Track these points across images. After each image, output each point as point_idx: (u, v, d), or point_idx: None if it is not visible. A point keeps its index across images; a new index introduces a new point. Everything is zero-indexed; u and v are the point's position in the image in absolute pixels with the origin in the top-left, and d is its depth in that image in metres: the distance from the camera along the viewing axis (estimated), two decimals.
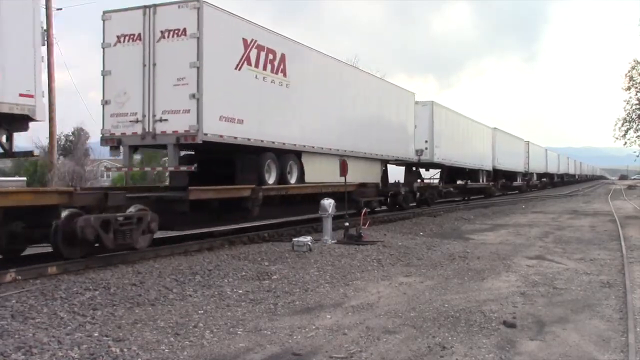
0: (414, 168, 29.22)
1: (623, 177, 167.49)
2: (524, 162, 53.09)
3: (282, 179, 15.57)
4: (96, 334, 6.31)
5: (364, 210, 16.58)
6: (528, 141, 55.82)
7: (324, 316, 7.43)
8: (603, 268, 11.23)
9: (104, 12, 13.15)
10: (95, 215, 10.06)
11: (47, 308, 7.23)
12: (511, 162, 46.81)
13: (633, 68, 31.26)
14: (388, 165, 24.80)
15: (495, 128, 42.44)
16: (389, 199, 24.23)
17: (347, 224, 14.89)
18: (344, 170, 15.94)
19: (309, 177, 16.73)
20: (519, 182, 51.97)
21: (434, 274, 10.47)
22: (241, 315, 7.43)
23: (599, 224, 21.35)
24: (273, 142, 14.82)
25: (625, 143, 32.79)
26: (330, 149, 17.88)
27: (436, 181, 31.65)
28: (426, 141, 27.63)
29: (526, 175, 55.30)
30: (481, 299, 8.40)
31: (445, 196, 31.91)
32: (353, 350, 6.01)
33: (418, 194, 26.82)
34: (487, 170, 39.66)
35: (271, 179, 15.06)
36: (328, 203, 14.48)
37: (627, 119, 32.18)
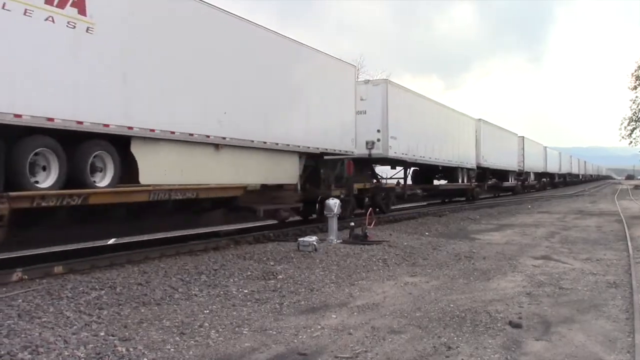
0: (373, 166, 24.21)
1: (630, 177, 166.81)
2: (517, 160, 47.15)
3: (75, 179, 9.71)
4: (102, 334, 6.33)
5: (369, 210, 16.55)
6: (523, 136, 49.85)
7: (330, 316, 7.43)
8: (609, 268, 11.18)
9: None
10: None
11: (54, 307, 7.26)
12: (501, 159, 40.86)
13: (639, 67, 31.14)
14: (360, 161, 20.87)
15: (480, 119, 36.19)
16: (317, 206, 18.02)
17: (352, 223, 14.90)
18: (349, 170, 15.90)
19: (149, 177, 11.07)
20: (511, 182, 45.96)
21: (439, 274, 10.46)
22: (247, 314, 7.43)
23: (605, 224, 21.26)
24: (49, 120, 9.02)
25: (631, 142, 32.71)
26: (194, 135, 12.07)
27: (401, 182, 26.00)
28: (378, 131, 21.95)
29: (521, 174, 49.39)
30: (487, 299, 8.38)
31: (409, 200, 26.88)
32: (358, 350, 6.00)
33: (366, 198, 21.48)
34: (468, 169, 33.66)
35: (49, 180, 9.28)
36: (333, 203, 14.48)
37: (633, 118, 32.11)
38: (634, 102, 31.77)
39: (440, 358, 5.83)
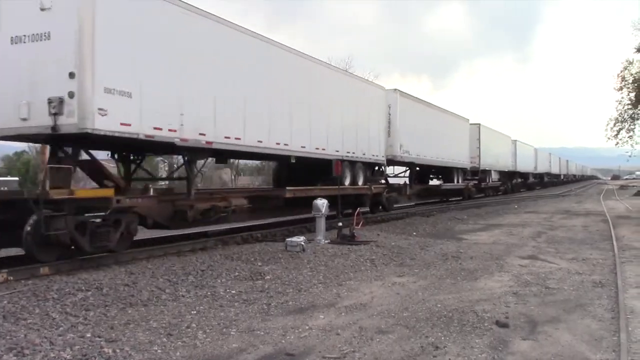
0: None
1: (615, 177, 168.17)
2: (469, 155, 36.84)
3: None
4: (88, 335, 6.29)
5: (357, 210, 16.57)
6: (479, 124, 39.57)
7: (317, 316, 7.43)
8: (595, 268, 11.27)
9: None
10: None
11: (39, 309, 7.20)
12: (441, 153, 31.04)
13: (625, 68, 31.37)
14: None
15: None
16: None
17: (340, 224, 14.90)
18: (337, 170, 15.97)
19: None
20: (459, 182, 35.42)
21: (427, 274, 10.49)
22: (234, 315, 7.41)
23: (591, 223, 21.43)
24: None
25: (617, 143, 32.91)
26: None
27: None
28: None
29: (476, 173, 39.22)
30: (474, 299, 8.41)
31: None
32: (346, 351, 6.01)
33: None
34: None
35: None
36: (321, 203, 14.49)
37: (619, 119, 32.28)
38: (619, 103, 31.99)
39: (427, 358, 5.85)
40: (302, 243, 12.44)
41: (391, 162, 25.10)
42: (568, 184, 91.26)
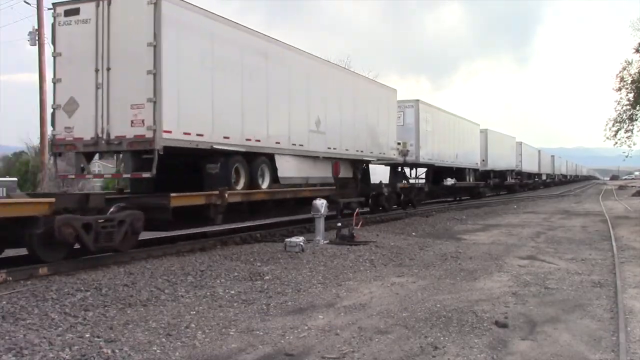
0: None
1: (614, 178, 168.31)
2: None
3: None
4: (88, 335, 6.28)
5: (356, 211, 16.58)
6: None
7: (317, 316, 7.42)
8: (594, 268, 11.28)
9: None
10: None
11: (38, 309, 7.20)
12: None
13: (624, 69, 31.38)
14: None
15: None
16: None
17: (339, 224, 14.91)
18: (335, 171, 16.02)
19: None
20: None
21: (426, 274, 10.49)
22: (233, 315, 7.41)
23: (590, 224, 21.44)
24: None
25: (616, 143, 32.91)
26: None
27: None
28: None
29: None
30: (473, 299, 8.42)
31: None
32: (345, 351, 6.01)
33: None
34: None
35: None
36: (320, 203, 14.49)
37: (618, 119, 32.29)
38: (618, 104, 31.99)
39: (427, 358, 5.85)
40: (301, 243, 12.44)
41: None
42: (567, 184, 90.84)
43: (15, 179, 37.90)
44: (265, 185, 15.14)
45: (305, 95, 17.11)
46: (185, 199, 12.12)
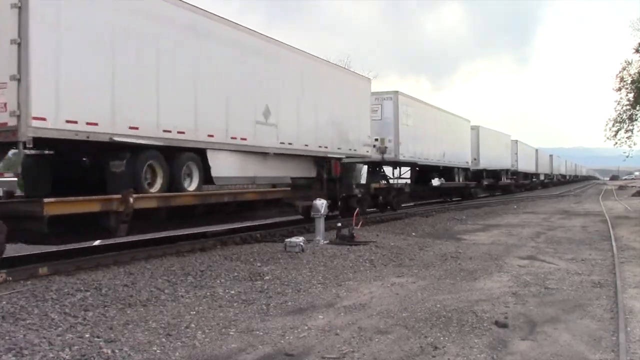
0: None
1: (614, 178, 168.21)
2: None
3: None
4: (87, 335, 6.28)
5: (356, 211, 16.57)
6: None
7: (317, 316, 7.43)
8: (594, 268, 11.27)
9: None
10: None
11: (38, 309, 7.19)
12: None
13: (624, 69, 31.34)
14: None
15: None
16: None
17: (339, 224, 14.90)
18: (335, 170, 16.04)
19: None
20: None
21: (426, 274, 10.48)
22: (233, 315, 7.41)
23: (590, 224, 21.43)
24: None
25: (616, 143, 32.87)
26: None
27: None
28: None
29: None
30: (473, 299, 8.41)
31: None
32: (345, 351, 6.01)
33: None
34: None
35: None
36: (320, 203, 14.49)
37: (618, 119, 32.25)
38: (618, 104, 31.94)
39: (426, 358, 5.85)
40: (301, 243, 12.44)
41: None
42: (566, 185, 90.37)
43: (15, 178, 37.80)
44: (193, 187, 12.47)
45: (250, 80, 14.43)
46: (68, 205, 9.58)
